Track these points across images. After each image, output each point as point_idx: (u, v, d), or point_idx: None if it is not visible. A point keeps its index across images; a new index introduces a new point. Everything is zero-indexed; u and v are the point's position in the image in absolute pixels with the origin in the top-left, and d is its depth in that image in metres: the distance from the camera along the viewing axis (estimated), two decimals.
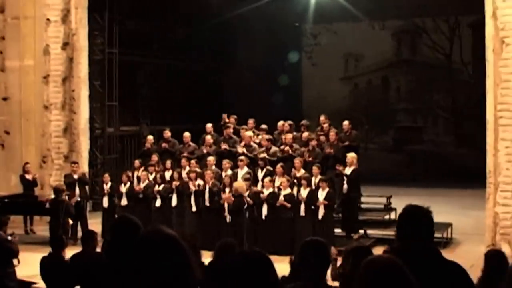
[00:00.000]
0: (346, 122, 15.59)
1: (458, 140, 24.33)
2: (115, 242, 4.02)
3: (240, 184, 13.67)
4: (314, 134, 15.62)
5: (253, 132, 15.91)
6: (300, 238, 12.87)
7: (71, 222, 14.10)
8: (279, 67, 24.87)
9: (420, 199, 19.00)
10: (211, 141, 15.76)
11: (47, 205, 14.50)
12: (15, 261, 8.97)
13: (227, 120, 16.48)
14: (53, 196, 14.32)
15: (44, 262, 9.00)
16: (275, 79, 24.54)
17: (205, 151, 15.49)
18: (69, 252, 9.54)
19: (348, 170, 14.03)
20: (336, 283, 5.97)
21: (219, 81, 24.78)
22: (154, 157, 15.48)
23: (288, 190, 13.37)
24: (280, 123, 16.21)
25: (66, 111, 17.89)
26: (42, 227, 15.77)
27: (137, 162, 15.82)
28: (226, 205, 13.63)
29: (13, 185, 17.09)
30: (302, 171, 13.88)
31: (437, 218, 14.22)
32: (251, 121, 16.42)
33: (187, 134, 16.13)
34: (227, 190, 13.70)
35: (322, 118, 16.04)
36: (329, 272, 4.73)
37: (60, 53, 17.75)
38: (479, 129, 21.18)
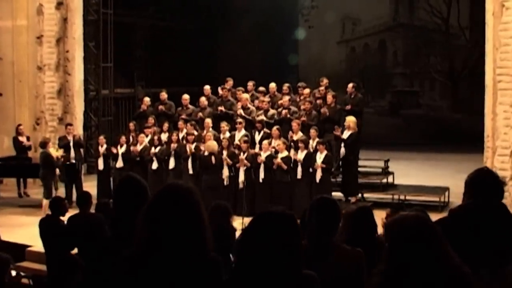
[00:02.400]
0: (350, 85, 15.30)
1: (455, 105, 24.28)
2: (122, 202, 3.90)
3: (211, 143, 13.62)
4: (312, 96, 15.46)
5: (253, 95, 15.75)
6: (297, 201, 12.86)
7: (58, 172, 13.94)
8: (275, 29, 24.62)
9: (416, 163, 19.10)
10: (206, 103, 15.56)
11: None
12: None
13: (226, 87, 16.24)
14: (41, 150, 14.20)
15: (42, 225, 8.93)
16: (271, 42, 24.32)
17: (199, 115, 15.30)
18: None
19: (345, 134, 13.93)
20: None
21: (215, 43, 24.54)
22: (151, 120, 15.30)
23: (286, 153, 13.28)
24: (272, 85, 15.96)
25: (60, 72, 17.72)
26: (35, 190, 15.71)
27: (131, 125, 15.66)
28: (224, 167, 13.58)
29: (5, 148, 16.97)
30: (300, 134, 13.77)
31: (434, 182, 14.20)
32: (250, 83, 16.17)
33: (186, 96, 15.84)
34: (224, 152, 13.61)
35: (325, 80, 15.85)
36: None
37: (54, 13, 17.50)
38: (476, 94, 21.14)
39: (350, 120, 13.95)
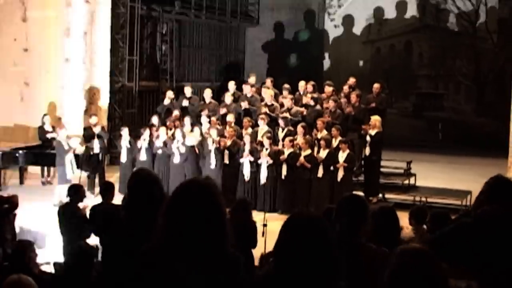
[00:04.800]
0: (376, 85, 15.27)
1: (479, 108, 24.00)
2: (134, 195, 3.87)
3: (193, 135, 14.00)
4: (337, 95, 15.38)
5: (272, 90, 15.71)
6: (318, 199, 12.81)
7: (69, 158, 14.14)
8: (300, 28, 24.51)
9: (439, 166, 18.91)
10: (231, 99, 15.61)
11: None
12: None
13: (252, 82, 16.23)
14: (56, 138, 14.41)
15: (60, 212, 8.95)
16: (297, 40, 24.22)
17: (223, 110, 15.31)
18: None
19: (371, 133, 13.81)
20: None
21: (241, 39, 24.51)
22: (176, 114, 15.35)
23: (309, 151, 13.22)
24: (302, 83, 15.94)
25: (86, 64, 17.78)
26: None
27: (155, 118, 15.70)
28: (245, 163, 13.58)
29: (31, 137, 17.07)
30: (325, 132, 13.71)
31: (456, 185, 14.01)
32: (269, 80, 16.21)
33: (208, 91, 15.96)
34: (247, 148, 13.59)
35: (352, 79, 15.80)
36: None
37: (82, 6, 17.57)
38: (501, 98, 20.89)
39: (376, 119, 13.85)
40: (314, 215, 3.02)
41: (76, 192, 9.00)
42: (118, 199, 9.46)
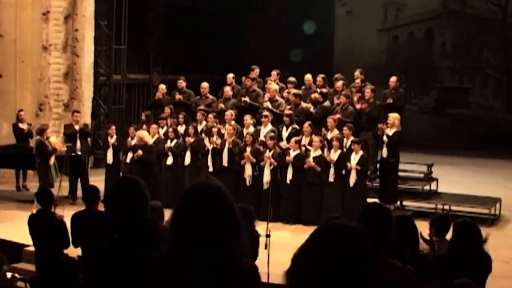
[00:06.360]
0: (393, 78, 15.21)
1: (509, 105, 24.00)
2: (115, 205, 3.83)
3: (142, 133, 14.40)
4: (348, 90, 15.33)
5: (277, 84, 15.70)
6: (328, 206, 12.79)
7: (52, 160, 14.17)
8: (307, 13, 24.49)
9: (463, 169, 18.91)
10: (230, 93, 15.59)
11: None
12: None
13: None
14: (38, 137, 14.37)
15: (32, 220, 8.94)
16: (304, 30, 24.20)
17: (221, 106, 15.30)
18: (68, 212, 9.50)
19: (389, 132, 13.72)
20: None
21: (240, 27, 24.50)
22: (167, 110, 15.34)
23: (319, 152, 13.18)
24: (308, 76, 15.90)
25: (67, 54, 17.80)
26: (36, 184, 15.73)
27: (143, 115, 15.69)
28: (247, 166, 13.56)
29: (4, 135, 17.05)
30: (336, 132, 13.67)
31: (484, 191, 14.03)
32: (274, 73, 16.18)
33: (205, 85, 15.92)
34: (248, 149, 13.57)
35: (356, 73, 15.76)
36: None
37: None
38: None
39: (395, 117, 13.73)
40: (352, 224, 2.95)
41: (46, 197, 9.00)
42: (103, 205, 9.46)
